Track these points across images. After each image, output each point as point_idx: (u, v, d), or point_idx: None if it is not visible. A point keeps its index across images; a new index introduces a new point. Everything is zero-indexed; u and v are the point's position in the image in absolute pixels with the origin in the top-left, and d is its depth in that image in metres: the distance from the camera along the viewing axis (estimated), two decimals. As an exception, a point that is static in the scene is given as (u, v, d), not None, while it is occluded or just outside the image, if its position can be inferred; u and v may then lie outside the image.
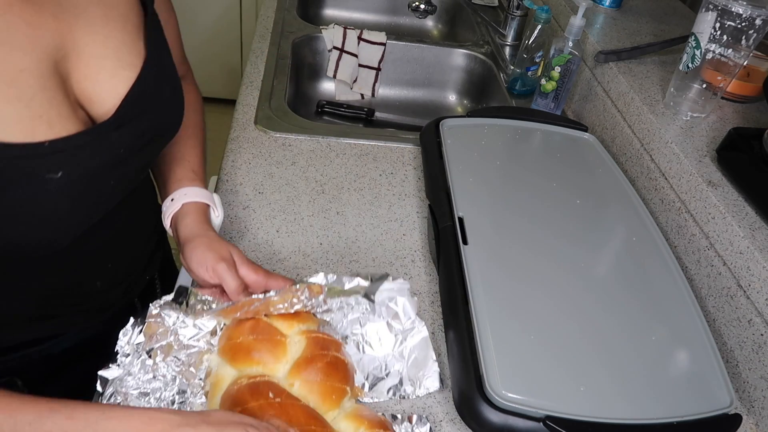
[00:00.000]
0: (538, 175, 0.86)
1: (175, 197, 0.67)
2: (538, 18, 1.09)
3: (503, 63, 1.28)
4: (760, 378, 0.65)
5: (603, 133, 1.01)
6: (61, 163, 0.50)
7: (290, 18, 1.32)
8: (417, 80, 1.37)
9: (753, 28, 0.78)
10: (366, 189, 0.88)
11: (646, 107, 0.89)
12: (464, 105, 1.38)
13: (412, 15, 1.45)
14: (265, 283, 0.62)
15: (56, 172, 0.50)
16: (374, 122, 1.31)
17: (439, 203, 0.78)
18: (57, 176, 0.50)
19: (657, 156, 0.85)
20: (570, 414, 0.55)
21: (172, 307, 0.60)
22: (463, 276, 0.67)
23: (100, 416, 0.46)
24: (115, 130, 0.55)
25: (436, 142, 0.90)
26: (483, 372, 0.57)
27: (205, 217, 0.67)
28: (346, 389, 0.56)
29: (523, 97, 1.17)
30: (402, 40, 1.32)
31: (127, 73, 0.57)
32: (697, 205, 0.76)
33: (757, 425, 0.65)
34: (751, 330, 0.66)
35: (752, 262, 0.66)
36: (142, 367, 0.57)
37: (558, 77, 1.02)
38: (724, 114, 0.91)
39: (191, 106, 0.74)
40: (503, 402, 0.55)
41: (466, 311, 0.64)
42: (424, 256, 0.78)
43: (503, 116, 0.98)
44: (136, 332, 0.59)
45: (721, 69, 0.84)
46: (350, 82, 1.33)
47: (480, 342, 0.60)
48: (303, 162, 0.90)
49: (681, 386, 0.60)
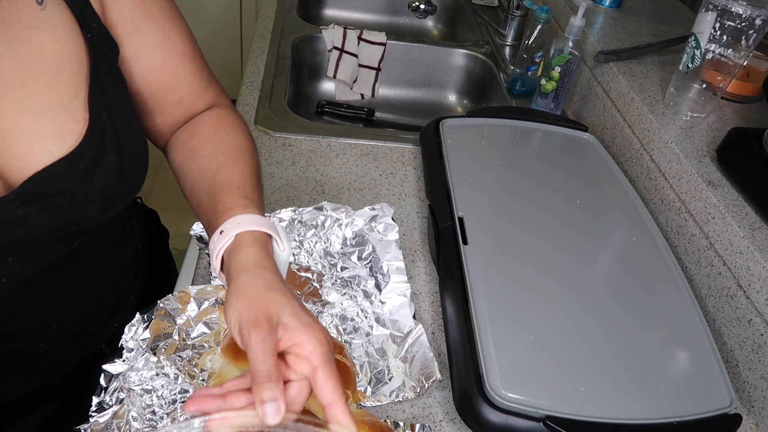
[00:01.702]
0: (538, 175, 0.86)
1: (225, 229, 0.49)
2: (538, 18, 1.09)
3: (503, 63, 1.28)
4: (760, 378, 0.65)
5: (603, 133, 1.01)
6: None
7: (290, 18, 1.32)
8: (417, 80, 1.37)
9: (753, 28, 0.78)
10: (366, 189, 0.88)
11: (646, 107, 0.89)
12: (464, 105, 1.38)
13: (412, 15, 1.45)
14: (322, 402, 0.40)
15: None
16: (374, 122, 1.31)
17: (439, 203, 0.78)
18: None
19: (657, 156, 0.85)
20: (570, 414, 0.55)
21: None
22: (463, 276, 0.67)
23: None
24: (21, 206, 0.47)
25: (436, 142, 0.90)
26: (483, 372, 0.57)
27: (266, 251, 0.48)
28: (348, 393, 0.56)
29: (523, 97, 1.17)
30: (402, 40, 1.32)
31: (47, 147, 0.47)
32: (697, 205, 0.76)
33: (757, 425, 0.65)
34: (751, 330, 0.66)
35: (752, 262, 0.66)
36: (146, 363, 0.57)
37: (558, 77, 1.02)
38: (724, 114, 0.92)
39: (231, 129, 0.60)
40: (503, 402, 0.55)
41: (466, 311, 0.64)
42: (424, 256, 0.78)
43: (503, 116, 0.98)
44: (141, 327, 0.59)
45: (721, 69, 0.84)
46: (350, 82, 1.33)
47: (480, 342, 0.60)
48: (303, 162, 0.91)
49: (681, 386, 0.60)
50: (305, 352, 0.41)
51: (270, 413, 0.37)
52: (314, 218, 0.69)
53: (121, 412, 0.54)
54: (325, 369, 0.40)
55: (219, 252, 0.48)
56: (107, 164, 0.51)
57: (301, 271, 0.68)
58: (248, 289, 0.43)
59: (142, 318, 0.60)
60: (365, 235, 0.69)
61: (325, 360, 0.40)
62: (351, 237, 0.70)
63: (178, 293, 0.62)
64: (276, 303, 0.42)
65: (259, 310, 0.42)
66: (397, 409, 0.60)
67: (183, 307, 0.61)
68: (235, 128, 0.60)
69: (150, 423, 0.54)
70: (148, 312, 0.60)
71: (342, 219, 0.69)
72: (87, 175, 0.49)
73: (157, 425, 0.54)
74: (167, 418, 0.54)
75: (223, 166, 0.55)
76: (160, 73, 0.57)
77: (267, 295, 0.43)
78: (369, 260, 0.69)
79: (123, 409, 0.54)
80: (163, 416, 0.54)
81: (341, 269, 0.69)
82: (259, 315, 0.41)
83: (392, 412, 0.60)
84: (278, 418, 0.37)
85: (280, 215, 0.68)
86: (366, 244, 0.69)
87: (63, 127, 0.48)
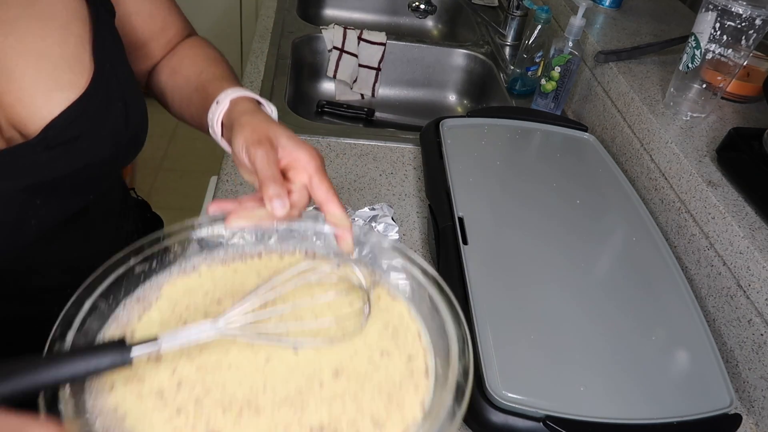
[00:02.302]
0: (538, 175, 0.86)
1: (219, 99, 0.56)
2: (538, 18, 1.09)
3: (503, 63, 1.29)
4: (760, 378, 0.65)
5: (603, 133, 1.01)
6: None
7: (290, 18, 1.32)
8: (417, 80, 1.37)
9: (753, 28, 0.78)
10: (366, 189, 0.88)
11: (646, 107, 0.89)
12: (464, 105, 1.38)
13: (412, 15, 1.45)
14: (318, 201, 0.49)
15: None
16: (374, 122, 1.31)
17: (439, 203, 0.78)
18: None
19: (657, 156, 0.85)
20: (570, 414, 0.55)
21: None
22: (463, 276, 0.67)
23: None
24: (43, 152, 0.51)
25: (436, 142, 0.90)
26: (483, 372, 0.57)
27: (259, 109, 0.56)
28: None
29: (523, 97, 1.17)
30: (402, 40, 1.32)
31: (65, 94, 0.52)
32: (697, 205, 0.76)
33: (757, 425, 0.65)
34: (751, 330, 0.66)
35: (752, 262, 0.66)
36: None
37: (558, 77, 1.02)
38: (724, 114, 0.92)
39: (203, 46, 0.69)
40: (503, 402, 0.55)
41: (466, 311, 0.64)
42: (424, 256, 0.78)
43: (503, 116, 0.98)
44: None
45: (721, 69, 0.84)
46: (350, 82, 1.33)
47: (480, 342, 0.60)
48: (303, 162, 0.90)
49: (681, 386, 0.60)
50: (301, 165, 0.49)
51: (277, 207, 0.45)
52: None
53: None
54: (319, 175, 0.48)
55: (218, 117, 0.55)
56: (114, 111, 0.56)
57: None
58: (250, 122, 0.51)
59: None
60: None
61: (318, 169, 0.48)
62: None
63: None
64: (274, 129, 0.50)
65: (260, 133, 0.49)
66: (397, 409, 0.60)
67: None
68: (205, 45, 0.70)
69: None
70: None
71: None
72: (98, 119, 0.54)
73: None
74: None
75: (204, 67, 0.64)
76: (154, 21, 0.66)
77: (265, 124, 0.51)
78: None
79: None
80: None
81: None
82: (261, 136, 0.49)
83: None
84: (284, 211, 0.45)
85: None
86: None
87: (75, 76, 0.53)
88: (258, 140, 0.48)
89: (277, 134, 0.50)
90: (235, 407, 0.38)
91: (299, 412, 0.39)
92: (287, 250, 0.51)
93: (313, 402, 0.39)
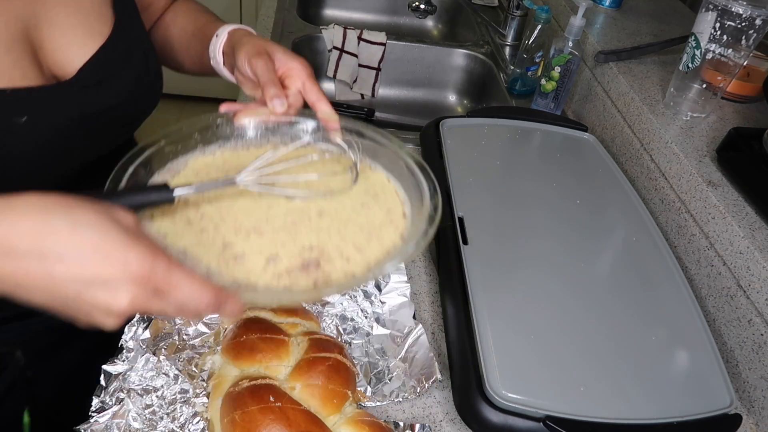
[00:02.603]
0: (538, 175, 0.86)
1: (218, 33, 0.65)
2: (538, 18, 1.09)
3: (503, 63, 1.28)
4: (760, 378, 0.65)
5: (603, 133, 1.01)
6: (24, 109, 0.53)
7: (290, 18, 1.32)
8: (417, 80, 1.37)
9: (753, 28, 0.78)
10: (366, 189, 0.88)
11: (646, 107, 0.89)
12: (464, 105, 1.38)
13: (412, 15, 1.45)
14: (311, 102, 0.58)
15: (21, 116, 0.52)
16: (374, 122, 1.31)
17: (439, 203, 0.78)
18: (22, 120, 0.52)
19: (657, 156, 0.85)
20: (570, 414, 0.55)
21: None
22: (463, 276, 0.67)
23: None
24: (80, 90, 0.58)
25: (436, 142, 0.89)
26: (483, 372, 0.57)
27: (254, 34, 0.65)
28: (348, 393, 0.56)
29: (523, 97, 1.17)
30: (402, 40, 1.32)
31: (95, 41, 0.59)
32: (697, 205, 0.76)
33: (757, 425, 0.65)
34: (751, 330, 0.66)
35: (752, 262, 0.66)
36: (145, 363, 0.57)
37: (558, 77, 1.02)
38: (724, 114, 0.92)
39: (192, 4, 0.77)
40: (503, 402, 0.55)
41: (466, 311, 0.64)
42: (424, 256, 0.78)
43: (503, 116, 0.98)
44: (141, 327, 0.59)
45: (721, 69, 0.84)
46: (350, 82, 1.33)
47: (480, 342, 0.60)
48: (303, 162, 0.90)
49: (681, 386, 0.60)
50: (295, 73, 0.57)
51: (277, 105, 0.55)
52: None
53: (121, 412, 0.54)
54: (311, 81, 0.57)
55: (219, 48, 0.65)
56: (135, 57, 0.64)
57: None
58: (249, 41, 0.60)
59: (142, 318, 0.60)
60: None
61: (310, 76, 0.58)
62: None
63: None
64: (270, 45, 0.59)
65: (259, 47, 0.59)
66: (397, 409, 0.60)
67: None
68: (192, 1, 0.77)
69: (150, 423, 0.54)
70: None
71: None
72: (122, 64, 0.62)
73: (158, 425, 0.54)
74: (167, 418, 0.54)
75: (197, 16, 0.73)
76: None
77: (262, 41, 0.60)
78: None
79: (123, 409, 0.54)
80: (163, 416, 0.54)
81: None
82: (260, 50, 0.58)
83: (392, 412, 0.60)
84: (283, 108, 0.55)
85: None
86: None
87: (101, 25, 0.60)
88: (257, 53, 0.57)
89: (273, 49, 0.59)
90: (244, 231, 0.49)
91: (294, 236, 0.49)
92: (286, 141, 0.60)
93: (305, 231, 0.50)
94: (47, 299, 0.37)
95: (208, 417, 0.55)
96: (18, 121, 0.52)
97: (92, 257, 0.36)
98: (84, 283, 0.36)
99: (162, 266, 0.37)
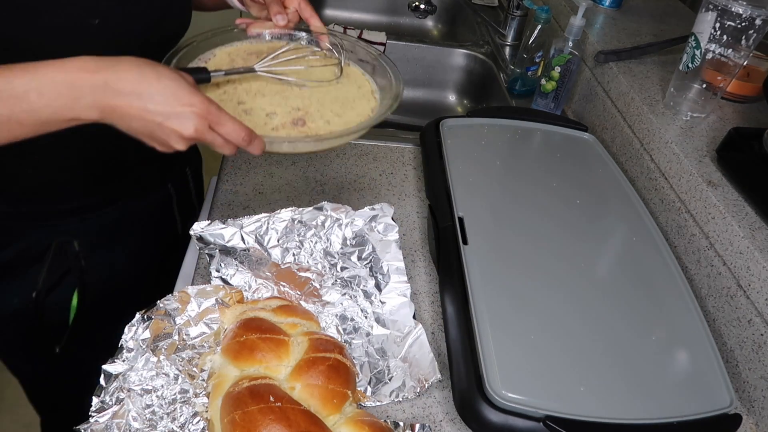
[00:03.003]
0: (538, 175, 0.86)
1: None
2: (538, 18, 1.09)
3: (503, 63, 1.28)
4: (760, 378, 0.65)
5: (603, 133, 1.01)
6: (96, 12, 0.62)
7: (290, 18, 1.32)
8: (417, 80, 1.37)
9: (753, 28, 0.78)
10: (366, 189, 0.88)
11: (646, 107, 0.89)
12: (464, 105, 1.38)
13: (412, 15, 1.45)
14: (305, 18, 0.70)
15: (94, 19, 0.62)
16: (374, 122, 1.31)
17: (439, 203, 0.78)
18: (95, 22, 0.62)
19: (657, 156, 0.85)
20: (570, 414, 0.55)
21: None
22: (463, 276, 0.67)
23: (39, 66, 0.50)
24: None
25: (436, 142, 0.90)
26: (483, 372, 0.57)
27: None
28: (348, 393, 0.56)
29: (523, 97, 1.17)
30: (402, 40, 1.32)
31: None
32: (697, 205, 0.76)
33: (757, 425, 0.65)
34: (751, 330, 0.66)
35: (752, 262, 0.66)
36: (145, 363, 0.57)
37: (558, 77, 1.02)
38: (724, 114, 0.92)
39: None
40: (503, 402, 0.55)
41: (466, 311, 0.64)
42: (424, 256, 0.78)
43: (503, 116, 0.98)
44: (141, 327, 0.59)
45: (721, 69, 0.84)
46: (350, 81, 1.33)
47: (480, 342, 0.60)
48: (303, 162, 0.90)
49: (681, 386, 0.60)
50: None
51: (279, 19, 0.69)
52: (314, 218, 0.69)
53: (121, 412, 0.54)
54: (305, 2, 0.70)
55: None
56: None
57: (301, 271, 0.68)
58: None
59: (142, 318, 0.60)
60: (365, 235, 0.69)
61: None
62: (351, 237, 0.70)
63: (178, 293, 0.62)
64: None
65: None
66: (397, 409, 0.60)
67: (183, 307, 0.61)
68: None
69: (150, 423, 0.54)
70: (147, 312, 0.60)
71: (342, 219, 0.70)
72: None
73: (158, 425, 0.54)
74: (167, 418, 0.54)
75: None
76: None
77: None
78: (369, 260, 0.69)
79: (123, 409, 0.54)
80: (163, 416, 0.54)
81: (341, 269, 0.69)
82: None
83: (392, 412, 0.60)
84: (284, 22, 0.69)
85: (280, 215, 0.69)
86: (366, 244, 0.69)
87: None
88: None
89: None
90: (251, 94, 0.65)
91: (285, 99, 0.66)
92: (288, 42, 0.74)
93: (292, 97, 0.66)
94: (140, 126, 0.51)
95: (208, 417, 0.55)
96: (92, 23, 0.62)
97: (172, 99, 0.50)
98: (166, 115, 0.51)
99: (214, 108, 0.52)
